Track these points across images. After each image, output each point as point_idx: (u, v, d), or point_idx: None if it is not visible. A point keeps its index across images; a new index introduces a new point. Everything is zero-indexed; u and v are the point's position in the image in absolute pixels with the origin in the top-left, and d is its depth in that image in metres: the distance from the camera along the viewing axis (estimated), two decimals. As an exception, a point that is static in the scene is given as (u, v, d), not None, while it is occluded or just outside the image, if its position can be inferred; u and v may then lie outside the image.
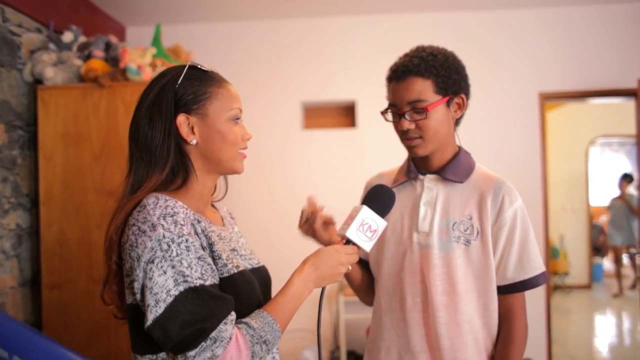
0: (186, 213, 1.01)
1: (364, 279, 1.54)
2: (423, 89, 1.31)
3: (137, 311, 1.00)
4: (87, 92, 2.59)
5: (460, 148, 1.43)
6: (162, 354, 1.01)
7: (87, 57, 2.69)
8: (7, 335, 0.65)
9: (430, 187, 1.39)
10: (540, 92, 3.61)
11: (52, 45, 2.70)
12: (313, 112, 3.91)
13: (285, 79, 3.74)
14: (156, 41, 2.78)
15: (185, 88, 1.07)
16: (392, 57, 1.43)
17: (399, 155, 1.54)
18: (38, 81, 2.66)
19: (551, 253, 6.64)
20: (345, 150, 3.69)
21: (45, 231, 2.59)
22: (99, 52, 2.67)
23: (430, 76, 1.31)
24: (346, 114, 3.86)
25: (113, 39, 2.80)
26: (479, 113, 3.58)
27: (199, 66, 1.11)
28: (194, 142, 1.08)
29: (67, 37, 2.70)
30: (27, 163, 2.64)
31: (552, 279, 6.73)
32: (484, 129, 3.58)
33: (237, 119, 1.12)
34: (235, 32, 3.76)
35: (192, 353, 0.92)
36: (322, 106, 3.88)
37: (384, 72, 1.43)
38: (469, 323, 1.33)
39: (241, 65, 3.74)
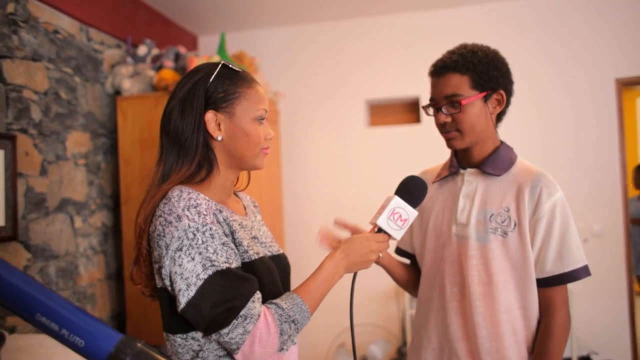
0: (208, 204, 1.09)
1: (411, 276, 1.59)
2: (459, 83, 1.34)
3: (167, 294, 1.10)
4: (159, 100, 2.81)
5: (501, 142, 1.45)
6: (192, 333, 1.10)
7: (159, 68, 2.92)
8: (56, 310, 0.77)
9: (470, 180, 1.42)
10: (618, 78, 3.40)
11: (129, 59, 2.95)
12: (377, 109, 3.94)
13: (349, 78, 3.80)
14: (221, 49, 2.94)
15: (216, 86, 1.14)
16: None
17: None
18: (117, 92, 2.93)
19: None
20: (410, 146, 3.69)
21: (126, 229, 2.85)
22: (169, 63, 2.88)
23: (467, 72, 1.34)
24: (410, 110, 3.85)
25: (182, 50, 3.01)
26: (551, 102, 3.45)
27: (231, 66, 1.18)
28: (220, 138, 1.15)
29: (142, 50, 2.94)
30: (109, 167, 2.92)
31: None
32: (557, 118, 3.43)
33: (262, 119, 1.18)
34: (299, 35, 3.88)
35: (225, 330, 1.02)
36: (386, 103, 3.90)
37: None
38: (507, 313, 1.33)
39: (305, 67, 3.85)
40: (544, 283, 1.34)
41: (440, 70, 1.38)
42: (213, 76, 1.15)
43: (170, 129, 1.15)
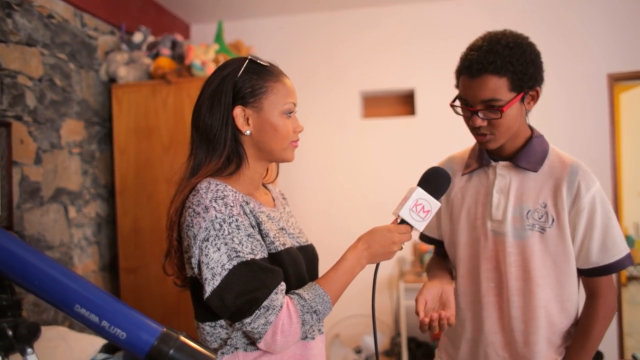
0: (235, 196, 1.10)
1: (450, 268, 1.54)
2: (498, 87, 1.24)
3: (196, 283, 1.11)
4: (156, 88, 2.76)
5: (532, 131, 1.39)
6: (220, 321, 1.12)
7: (156, 56, 2.86)
8: (96, 301, 0.75)
9: (502, 174, 1.37)
10: (609, 74, 3.45)
11: (124, 46, 2.89)
12: (372, 101, 3.93)
13: (343, 69, 3.78)
14: (218, 38, 2.90)
15: (244, 81, 1.14)
16: (451, 43, 1.41)
17: (458, 142, 1.54)
18: (112, 80, 2.86)
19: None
20: (404, 138, 3.69)
21: (121, 219, 2.80)
22: (166, 51, 2.83)
23: (506, 73, 1.23)
24: (405, 103, 3.85)
25: (179, 37, 2.95)
26: (545, 96, 3.47)
27: (259, 60, 1.18)
28: (248, 132, 1.15)
29: (137, 37, 2.88)
30: (104, 156, 2.86)
31: (626, 270, 6.41)
32: (549, 112, 3.47)
33: (291, 112, 1.18)
34: (294, 25, 3.84)
35: (247, 320, 1.03)
36: (380, 95, 3.90)
37: (442, 59, 1.42)
38: (545, 308, 1.32)
39: (300, 58, 3.82)
40: (589, 273, 1.32)
41: (476, 72, 1.25)
42: (241, 71, 1.15)
43: (199, 124, 1.16)
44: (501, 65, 1.23)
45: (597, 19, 3.47)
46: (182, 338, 0.77)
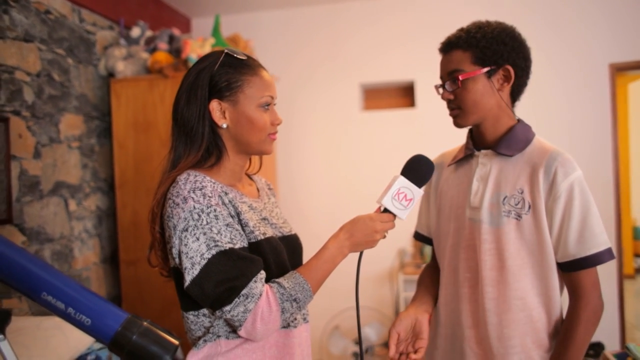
0: (213, 186, 1.12)
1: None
2: (462, 59, 1.31)
3: (179, 274, 1.13)
4: (153, 82, 2.78)
5: (518, 121, 1.38)
6: (203, 310, 1.14)
7: (153, 50, 2.88)
8: (62, 289, 0.77)
9: (484, 162, 1.37)
10: (611, 64, 3.41)
11: (122, 41, 2.92)
12: (372, 93, 3.93)
13: (343, 61, 3.78)
14: (215, 31, 2.91)
15: (220, 75, 1.16)
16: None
17: (458, 134, 1.53)
18: (111, 74, 2.89)
19: (633, 234, 6.26)
20: (404, 130, 3.69)
21: (121, 212, 2.84)
22: (163, 45, 2.85)
23: (469, 48, 1.30)
24: (405, 95, 3.85)
25: (176, 32, 2.97)
26: (545, 87, 3.45)
27: (235, 54, 1.19)
28: (225, 126, 1.17)
29: (135, 32, 2.91)
30: (103, 150, 2.89)
31: (635, 262, 6.35)
32: (550, 103, 3.45)
33: (268, 105, 1.19)
34: (293, 18, 3.85)
35: (227, 308, 1.06)
36: (380, 87, 3.90)
37: (441, 51, 1.44)
38: (521, 300, 1.28)
39: (299, 51, 3.82)
40: (568, 267, 1.27)
41: (445, 47, 1.35)
42: (217, 65, 1.16)
43: (177, 118, 1.18)
44: (465, 40, 1.31)
45: (600, 7, 3.42)
46: (147, 324, 0.79)
